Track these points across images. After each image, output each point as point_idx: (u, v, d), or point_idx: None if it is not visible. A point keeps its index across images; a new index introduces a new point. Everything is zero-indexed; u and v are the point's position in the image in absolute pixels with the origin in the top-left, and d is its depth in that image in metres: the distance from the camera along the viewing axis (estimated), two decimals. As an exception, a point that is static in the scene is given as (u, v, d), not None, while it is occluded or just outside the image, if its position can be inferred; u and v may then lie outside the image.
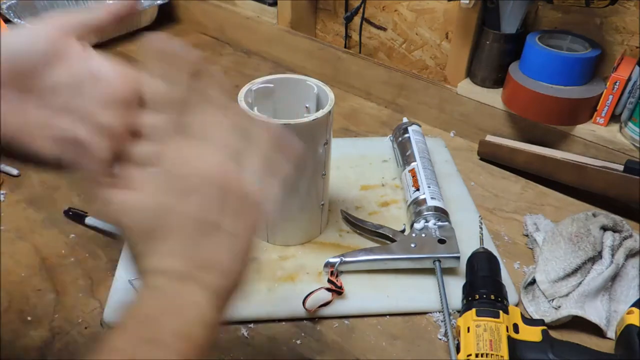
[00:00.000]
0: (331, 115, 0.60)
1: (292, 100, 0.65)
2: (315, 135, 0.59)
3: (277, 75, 0.64)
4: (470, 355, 0.51)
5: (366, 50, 1.09)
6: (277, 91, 0.64)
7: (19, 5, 1.17)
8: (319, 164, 0.63)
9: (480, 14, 0.85)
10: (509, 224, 0.74)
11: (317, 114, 0.58)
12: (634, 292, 0.60)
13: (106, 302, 0.59)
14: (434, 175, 0.73)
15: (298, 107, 0.66)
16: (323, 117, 0.58)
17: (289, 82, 0.65)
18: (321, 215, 0.68)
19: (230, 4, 1.20)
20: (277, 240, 0.67)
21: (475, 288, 0.57)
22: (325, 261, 0.62)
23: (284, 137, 0.39)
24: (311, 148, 0.60)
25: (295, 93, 0.65)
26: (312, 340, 0.57)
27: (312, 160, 0.61)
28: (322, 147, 0.61)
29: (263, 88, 0.63)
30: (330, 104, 0.60)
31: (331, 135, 0.62)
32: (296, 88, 0.65)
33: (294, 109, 0.65)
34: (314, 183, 0.64)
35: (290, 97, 0.65)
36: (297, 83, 0.65)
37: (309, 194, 0.64)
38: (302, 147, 0.51)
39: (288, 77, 0.65)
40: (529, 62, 0.82)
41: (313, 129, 0.59)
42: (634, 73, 0.75)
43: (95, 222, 0.69)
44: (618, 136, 0.79)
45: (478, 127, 0.91)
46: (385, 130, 0.94)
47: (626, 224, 0.65)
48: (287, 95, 0.65)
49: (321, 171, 0.64)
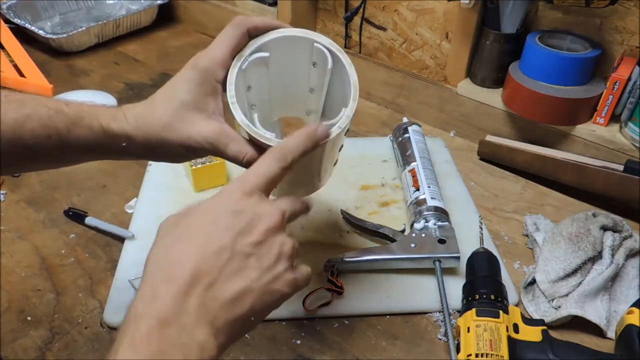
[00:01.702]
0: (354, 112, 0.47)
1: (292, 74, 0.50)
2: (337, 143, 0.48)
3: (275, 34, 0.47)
4: (470, 355, 0.51)
5: (366, 50, 1.09)
6: (272, 59, 0.48)
7: (19, 5, 1.17)
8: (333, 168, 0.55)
9: (480, 14, 0.85)
10: (509, 224, 0.74)
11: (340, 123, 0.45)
12: (634, 292, 0.60)
13: (106, 302, 0.59)
14: (434, 175, 0.73)
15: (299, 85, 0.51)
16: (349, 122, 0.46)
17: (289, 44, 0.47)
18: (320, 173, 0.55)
19: (230, 4, 1.20)
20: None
21: (475, 288, 0.57)
22: (325, 261, 0.62)
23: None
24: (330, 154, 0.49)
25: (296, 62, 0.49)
26: (312, 340, 0.57)
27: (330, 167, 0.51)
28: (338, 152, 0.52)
29: (255, 59, 0.47)
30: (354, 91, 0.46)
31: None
32: (298, 54, 0.49)
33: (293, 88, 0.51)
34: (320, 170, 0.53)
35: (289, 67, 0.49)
36: (299, 46, 0.48)
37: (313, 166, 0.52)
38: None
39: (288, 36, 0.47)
40: (528, 62, 0.82)
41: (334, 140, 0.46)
42: (634, 73, 0.75)
43: (95, 222, 0.69)
44: (618, 136, 0.79)
45: (478, 127, 0.91)
46: (385, 130, 0.94)
47: (626, 224, 0.65)
48: (287, 64, 0.49)
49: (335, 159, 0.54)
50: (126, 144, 0.44)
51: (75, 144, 0.43)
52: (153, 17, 1.27)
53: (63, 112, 0.42)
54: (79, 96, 0.88)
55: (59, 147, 0.43)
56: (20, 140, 0.41)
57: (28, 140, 0.41)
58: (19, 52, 1.04)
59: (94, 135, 0.43)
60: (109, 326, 0.57)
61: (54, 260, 0.65)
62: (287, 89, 0.51)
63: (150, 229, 0.68)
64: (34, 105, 0.42)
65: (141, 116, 0.45)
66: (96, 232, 0.69)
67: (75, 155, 0.45)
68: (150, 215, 0.70)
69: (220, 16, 1.21)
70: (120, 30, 1.20)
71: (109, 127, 0.44)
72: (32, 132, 0.41)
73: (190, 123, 0.44)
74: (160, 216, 0.41)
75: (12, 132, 0.41)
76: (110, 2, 1.31)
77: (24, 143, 0.41)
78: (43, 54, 1.13)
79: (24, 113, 0.41)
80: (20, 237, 0.68)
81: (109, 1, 1.31)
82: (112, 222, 0.70)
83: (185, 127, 0.44)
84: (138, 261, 0.64)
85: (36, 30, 1.11)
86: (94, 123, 0.43)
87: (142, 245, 0.67)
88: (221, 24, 0.48)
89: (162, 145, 0.45)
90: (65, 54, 1.14)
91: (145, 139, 0.44)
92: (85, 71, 1.09)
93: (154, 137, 0.44)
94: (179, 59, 1.16)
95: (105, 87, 1.01)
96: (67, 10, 1.26)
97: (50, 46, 1.13)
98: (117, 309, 0.58)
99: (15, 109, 0.41)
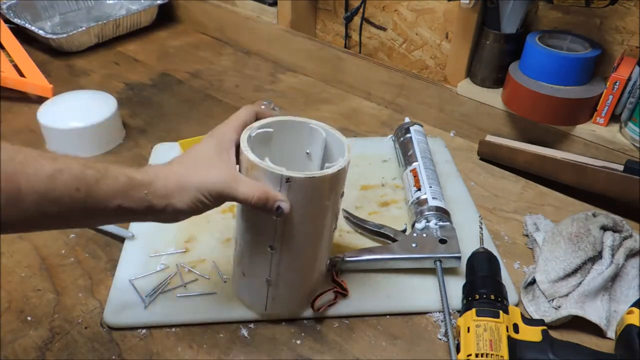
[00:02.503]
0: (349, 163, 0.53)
1: (290, 146, 0.57)
2: (335, 187, 0.52)
3: (277, 118, 0.56)
4: (470, 355, 0.51)
5: (366, 50, 1.10)
6: (276, 136, 0.56)
7: (19, 5, 1.17)
8: (332, 218, 0.55)
9: (480, 14, 0.85)
10: (509, 224, 0.74)
11: (340, 163, 0.51)
12: (634, 292, 0.60)
13: (106, 302, 0.59)
14: (435, 175, 0.73)
15: (297, 153, 0.58)
16: (345, 167, 0.51)
17: (288, 126, 0.56)
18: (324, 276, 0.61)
19: (230, 4, 1.20)
20: (277, 309, 0.58)
21: (475, 288, 0.57)
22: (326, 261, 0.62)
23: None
24: (329, 202, 0.52)
25: (294, 137, 0.57)
26: (312, 340, 0.57)
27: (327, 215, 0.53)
28: (338, 199, 0.54)
29: (262, 133, 0.55)
30: (347, 149, 0.53)
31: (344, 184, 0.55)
32: (296, 132, 0.57)
33: (292, 155, 0.58)
34: (324, 239, 0.56)
35: (288, 141, 0.57)
36: (297, 126, 0.57)
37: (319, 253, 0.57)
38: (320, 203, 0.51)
39: (288, 120, 0.56)
40: (528, 62, 0.82)
41: (334, 181, 0.51)
42: (634, 73, 0.75)
43: (95, 222, 0.69)
44: (618, 136, 0.79)
45: (478, 127, 0.91)
46: (385, 130, 0.94)
47: (626, 224, 0.65)
48: (285, 139, 0.57)
49: (332, 225, 0.56)
50: (147, 192, 0.46)
51: (99, 197, 0.44)
52: (153, 17, 1.27)
53: (91, 166, 0.45)
54: (79, 96, 0.88)
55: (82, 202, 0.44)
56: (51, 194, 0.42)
57: (57, 194, 0.42)
58: (19, 52, 1.04)
59: (118, 184, 0.45)
60: (109, 326, 0.57)
61: (54, 260, 0.65)
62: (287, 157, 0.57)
63: (150, 229, 0.69)
64: (65, 160, 0.44)
65: (163, 166, 0.49)
66: (96, 232, 0.69)
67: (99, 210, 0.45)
68: (150, 215, 0.70)
69: (220, 16, 1.21)
70: (120, 30, 1.20)
71: (132, 175, 0.46)
72: (64, 185, 0.42)
73: (206, 168, 0.48)
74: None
75: (45, 186, 0.42)
76: (110, 2, 1.31)
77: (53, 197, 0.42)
78: (43, 54, 1.13)
79: (57, 167, 0.42)
80: (20, 237, 0.68)
81: (109, 1, 1.32)
82: (112, 222, 0.70)
83: (202, 171, 0.48)
84: (138, 261, 0.64)
85: (36, 30, 1.11)
86: (119, 173, 0.45)
87: (142, 245, 0.67)
88: (221, 24, 0.49)
89: (180, 189, 0.47)
90: (65, 54, 1.14)
91: (164, 186, 0.47)
92: (85, 71, 1.09)
93: (173, 182, 0.47)
94: (179, 59, 1.16)
95: (105, 87, 1.01)
96: (67, 10, 1.27)
97: (50, 46, 1.13)
98: (117, 309, 0.58)
99: (50, 163, 0.42)
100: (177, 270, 0.63)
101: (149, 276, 0.62)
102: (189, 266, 0.64)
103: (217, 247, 0.67)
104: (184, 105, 1.00)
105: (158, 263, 0.64)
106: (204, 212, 0.49)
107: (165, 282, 0.62)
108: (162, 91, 1.04)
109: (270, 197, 0.48)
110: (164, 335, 0.57)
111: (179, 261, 0.64)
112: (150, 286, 0.61)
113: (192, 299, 0.60)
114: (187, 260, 0.65)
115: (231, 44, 1.22)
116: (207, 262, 0.65)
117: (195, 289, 0.61)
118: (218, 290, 0.61)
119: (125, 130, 0.91)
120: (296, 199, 0.49)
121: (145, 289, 0.61)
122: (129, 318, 0.58)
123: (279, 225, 0.50)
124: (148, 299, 0.59)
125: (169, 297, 0.60)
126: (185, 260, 0.65)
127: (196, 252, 0.66)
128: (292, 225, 0.50)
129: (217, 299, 0.60)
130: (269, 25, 1.14)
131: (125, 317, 0.58)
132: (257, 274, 0.54)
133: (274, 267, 0.53)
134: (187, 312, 0.59)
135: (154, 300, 0.60)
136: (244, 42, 1.20)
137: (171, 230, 0.68)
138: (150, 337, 0.57)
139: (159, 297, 0.60)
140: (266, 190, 0.48)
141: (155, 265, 0.64)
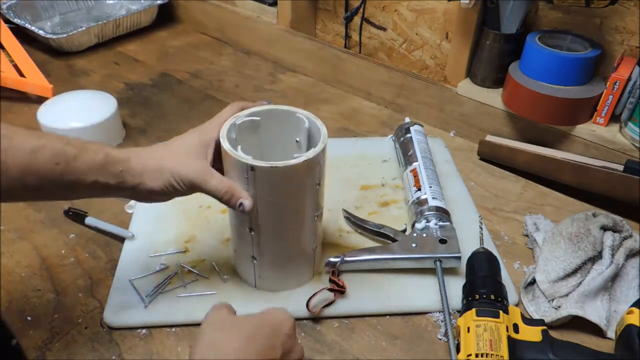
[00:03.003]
0: (325, 153, 0.54)
1: (281, 134, 0.59)
2: (305, 177, 0.53)
3: (264, 107, 0.58)
4: (470, 355, 0.51)
5: (366, 50, 1.10)
6: (264, 125, 0.58)
7: (19, 5, 1.17)
8: (311, 206, 0.57)
9: (480, 14, 0.85)
10: (509, 224, 0.74)
11: (308, 153, 0.52)
12: (634, 292, 0.60)
13: (106, 302, 0.59)
14: (435, 175, 0.73)
15: (287, 141, 0.59)
16: (315, 157, 0.52)
17: (276, 115, 0.58)
18: (313, 260, 0.63)
19: (230, 4, 1.20)
20: (265, 286, 0.61)
21: (475, 288, 0.57)
22: (326, 261, 0.62)
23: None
24: (301, 191, 0.54)
25: (284, 126, 0.59)
26: (312, 340, 0.57)
27: (304, 203, 0.56)
28: (315, 188, 0.55)
29: (248, 122, 0.57)
30: (322, 140, 0.54)
31: (324, 175, 0.56)
32: (285, 121, 0.59)
33: (283, 144, 0.59)
34: (305, 227, 0.58)
35: (278, 130, 0.59)
36: (285, 116, 0.58)
37: (300, 238, 0.59)
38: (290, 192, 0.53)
39: (275, 109, 0.58)
40: (528, 62, 0.82)
41: (303, 171, 0.52)
42: (634, 73, 0.75)
43: (95, 222, 0.69)
44: (618, 136, 0.79)
45: (478, 127, 0.91)
46: (385, 130, 0.94)
47: (626, 224, 0.65)
48: (275, 128, 0.59)
49: (314, 214, 0.58)
50: (122, 169, 0.49)
51: (77, 171, 0.47)
52: (153, 17, 1.27)
53: (73, 143, 0.47)
54: (79, 96, 0.88)
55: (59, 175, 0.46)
56: (32, 166, 0.45)
57: (37, 167, 0.45)
58: (19, 52, 1.04)
59: (95, 160, 0.48)
60: (109, 326, 0.57)
61: (54, 260, 0.65)
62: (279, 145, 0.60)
63: (150, 229, 0.69)
64: (48, 137, 0.47)
65: (142, 148, 0.53)
66: (96, 232, 0.69)
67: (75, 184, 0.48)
68: (150, 215, 0.70)
69: (220, 16, 1.21)
70: (120, 30, 1.20)
71: (110, 152, 0.49)
72: (44, 159, 0.45)
73: (184, 157, 0.52)
74: (160, 216, 0.41)
75: (27, 159, 0.45)
76: (110, 2, 1.31)
77: (33, 170, 0.45)
78: (43, 54, 1.13)
79: (41, 143, 0.46)
80: (20, 237, 0.68)
81: (109, 1, 1.32)
82: (112, 222, 0.70)
83: (180, 159, 0.51)
84: (138, 261, 0.64)
85: (36, 30, 1.11)
86: (98, 150, 0.48)
87: (142, 245, 0.67)
88: (221, 24, 0.50)
89: (154, 171, 0.50)
90: (65, 54, 1.14)
91: (141, 165, 0.50)
92: (85, 71, 1.09)
93: (150, 163, 0.50)
94: (179, 59, 1.16)
95: (105, 87, 1.01)
96: (67, 10, 1.27)
97: (50, 46, 1.13)
98: (117, 309, 0.58)
99: (35, 139, 0.46)
100: (177, 270, 0.63)
101: (149, 276, 0.62)
102: (189, 266, 0.64)
103: (217, 247, 0.67)
104: (184, 105, 1.00)
105: (158, 263, 0.64)
106: (175, 197, 0.53)
107: (165, 282, 0.62)
108: (162, 91, 1.04)
109: (235, 194, 0.51)
110: (164, 335, 0.57)
111: (179, 261, 0.64)
112: (150, 286, 0.61)
113: (192, 299, 0.60)
114: (187, 260, 0.65)
115: (231, 44, 1.22)
116: (207, 262, 0.65)
117: (195, 289, 0.61)
118: (218, 290, 0.61)
119: (125, 130, 0.91)
120: (263, 186, 0.52)
121: (145, 289, 0.61)
122: (129, 318, 0.58)
123: (252, 211, 0.54)
124: (148, 299, 0.59)
125: (169, 297, 0.60)
126: (185, 260, 0.65)
127: (196, 252, 0.66)
128: (263, 210, 0.54)
129: (217, 299, 0.60)
130: (269, 25, 1.14)
131: (125, 317, 0.58)
132: (245, 252, 0.59)
133: (256, 247, 0.57)
134: (187, 312, 0.58)
135: (153, 300, 0.60)
136: (244, 42, 1.20)
137: (171, 230, 0.68)
138: (150, 337, 0.57)
139: (159, 297, 0.60)
140: (233, 187, 0.52)
141: (155, 265, 0.64)
